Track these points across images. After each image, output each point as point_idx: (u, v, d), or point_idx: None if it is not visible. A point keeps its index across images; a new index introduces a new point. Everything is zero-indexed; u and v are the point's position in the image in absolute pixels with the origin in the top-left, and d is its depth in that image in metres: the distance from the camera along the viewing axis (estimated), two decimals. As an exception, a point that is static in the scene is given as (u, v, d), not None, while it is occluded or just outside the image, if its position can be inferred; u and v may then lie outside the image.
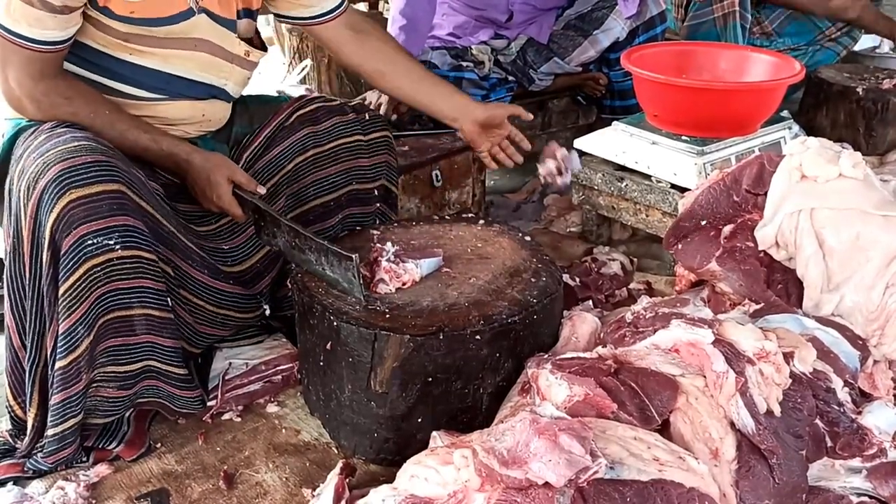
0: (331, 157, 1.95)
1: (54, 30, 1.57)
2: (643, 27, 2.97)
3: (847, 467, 1.49)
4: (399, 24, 2.74)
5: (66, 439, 1.55)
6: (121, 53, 1.69)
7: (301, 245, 1.67)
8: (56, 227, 1.45)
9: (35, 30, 1.55)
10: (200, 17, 1.72)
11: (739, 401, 1.36)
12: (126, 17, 1.63)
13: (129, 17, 1.63)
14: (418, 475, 1.28)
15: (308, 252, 1.66)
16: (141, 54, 1.70)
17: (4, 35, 1.56)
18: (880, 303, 1.68)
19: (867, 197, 1.72)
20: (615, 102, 3.08)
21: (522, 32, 3.05)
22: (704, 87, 2.34)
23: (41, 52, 1.58)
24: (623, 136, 2.43)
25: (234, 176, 1.73)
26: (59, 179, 1.45)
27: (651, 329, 1.58)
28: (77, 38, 1.64)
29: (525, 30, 3.05)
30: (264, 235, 1.75)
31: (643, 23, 2.96)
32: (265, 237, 1.75)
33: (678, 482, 1.22)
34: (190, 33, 1.72)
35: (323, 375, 1.65)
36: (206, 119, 1.87)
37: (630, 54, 2.45)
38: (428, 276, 1.70)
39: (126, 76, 1.71)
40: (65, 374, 1.49)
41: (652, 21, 2.97)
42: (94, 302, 1.50)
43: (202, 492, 1.58)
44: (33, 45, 1.57)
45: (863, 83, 3.12)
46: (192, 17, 1.71)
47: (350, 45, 1.94)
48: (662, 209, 2.31)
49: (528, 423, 1.22)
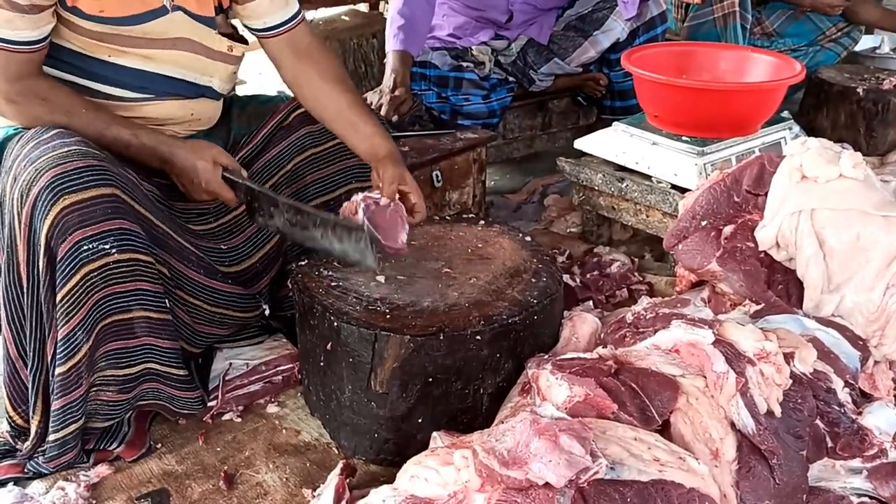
0: (330, 157, 1.95)
1: (25, 29, 1.56)
2: (644, 28, 2.97)
3: (847, 468, 1.49)
4: (398, 24, 2.74)
5: (67, 444, 1.55)
6: (100, 54, 1.68)
7: (303, 222, 1.63)
8: (51, 234, 1.45)
9: (6, 31, 1.54)
10: (176, 15, 1.71)
11: (740, 401, 1.36)
12: (96, 16, 1.62)
13: (100, 17, 1.62)
14: (418, 475, 1.28)
15: (312, 228, 1.62)
16: (121, 54, 1.69)
17: None
18: (880, 303, 1.68)
19: (867, 197, 1.72)
20: (615, 103, 3.09)
21: (523, 33, 3.05)
22: (705, 88, 2.34)
23: (16, 53, 1.57)
24: (623, 136, 2.42)
25: (220, 159, 1.71)
26: (51, 186, 1.44)
27: (651, 329, 1.59)
28: (54, 40, 1.63)
29: (525, 31, 3.05)
30: (259, 217, 1.71)
31: (644, 23, 2.96)
32: (260, 219, 1.71)
33: (678, 483, 1.22)
34: (168, 32, 1.71)
35: (323, 376, 1.65)
36: (196, 118, 1.86)
37: (630, 55, 2.45)
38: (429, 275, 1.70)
39: (108, 77, 1.70)
40: (65, 380, 1.49)
41: (652, 21, 2.97)
42: (92, 307, 1.50)
43: (202, 492, 1.58)
44: (7, 45, 1.56)
45: (863, 84, 3.12)
46: (165, 15, 1.69)
47: (286, 63, 1.92)
48: (663, 209, 2.31)
49: (529, 424, 1.22)
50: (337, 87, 1.90)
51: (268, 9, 1.85)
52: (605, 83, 3.06)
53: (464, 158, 2.59)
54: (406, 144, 2.51)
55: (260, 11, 1.85)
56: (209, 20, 1.78)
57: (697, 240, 1.88)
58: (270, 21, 1.87)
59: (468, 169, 2.61)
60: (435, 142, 2.58)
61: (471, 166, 2.61)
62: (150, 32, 1.68)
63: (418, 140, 2.58)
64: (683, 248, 1.90)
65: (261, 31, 1.89)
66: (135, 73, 1.72)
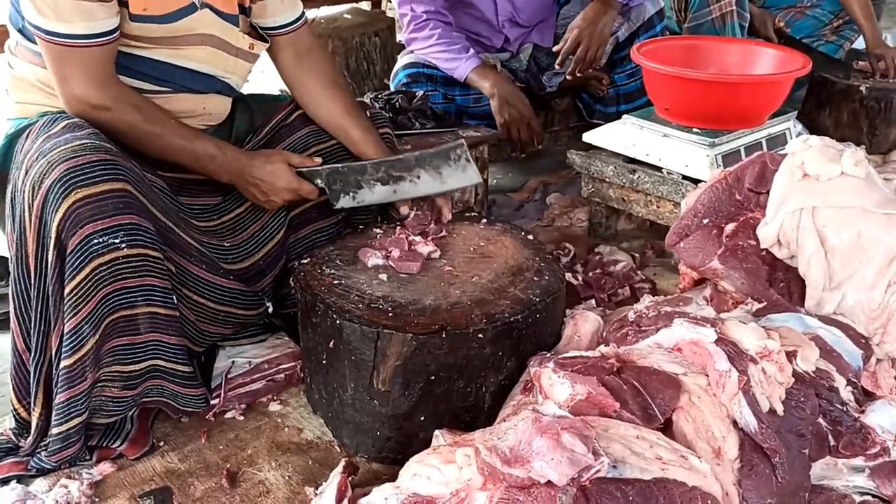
0: (333, 155, 1.95)
1: (105, 19, 1.58)
2: (644, 27, 2.97)
3: (850, 466, 1.49)
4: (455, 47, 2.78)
5: (70, 438, 1.56)
6: (127, 47, 1.69)
7: (398, 173, 1.67)
8: (62, 227, 1.45)
9: (91, 23, 1.57)
10: (204, 13, 1.73)
11: (742, 400, 1.36)
12: (139, 15, 1.64)
13: (143, 16, 1.65)
14: (421, 474, 1.28)
15: (408, 174, 1.66)
16: (147, 49, 1.71)
17: (61, 42, 1.57)
18: (882, 301, 1.68)
19: (869, 195, 1.72)
20: (621, 107, 3.03)
21: (525, 43, 3.04)
22: (718, 80, 2.36)
23: (100, 47, 1.59)
24: (633, 129, 2.44)
25: (291, 159, 1.80)
26: (63, 179, 1.45)
27: (654, 328, 1.58)
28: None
29: (526, 39, 3.04)
30: (344, 197, 1.76)
31: (643, 23, 2.96)
32: (345, 198, 1.76)
33: (681, 481, 1.22)
34: (195, 29, 1.73)
35: (325, 374, 1.66)
36: (207, 112, 1.88)
37: (640, 48, 2.47)
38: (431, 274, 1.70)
39: (130, 69, 1.71)
40: (70, 373, 1.50)
41: (651, 21, 2.98)
42: (100, 301, 1.50)
43: (205, 490, 1.58)
44: (93, 41, 1.58)
45: (866, 82, 3.11)
46: (195, 13, 1.71)
47: (286, 64, 1.98)
48: (674, 200, 2.33)
49: (531, 422, 1.22)
50: (330, 92, 1.95)
51: (279, 8, 1.90)
52: (607, 83, 3.05)
53: (466, 157, 2.58)
54: (408, 142, 2.51)
55: (272, 10, 1.89)
56: (234, 18, 1.81)
57: (699, 238, 1.88)
58: (280, 20, 1.91)
59: (470, 167, 2.61)
60: (437, 140, 2.57)
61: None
62: (179, 29, 1.71)
63: (420, 138, 2.58)
64: (685, 245, 1.90)
65: (268, 30, 1.92)
66: (158, 65, 1.74)
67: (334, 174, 1.76)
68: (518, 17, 2.95)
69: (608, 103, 3.10)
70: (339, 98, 1.95)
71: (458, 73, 2.77)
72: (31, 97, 1.73)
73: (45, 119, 1.66)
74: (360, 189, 1.72)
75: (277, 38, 1.93)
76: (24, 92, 1.74)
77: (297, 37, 1.95)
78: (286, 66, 1.97)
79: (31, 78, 1.71)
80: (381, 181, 1.68)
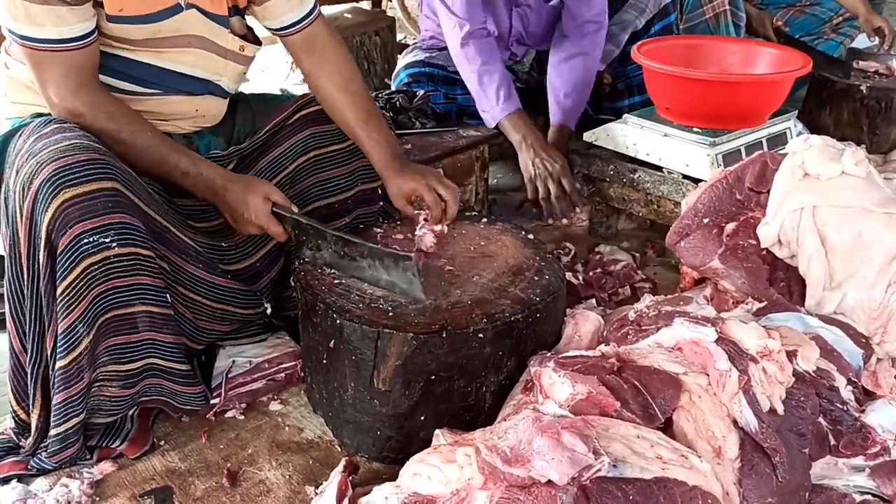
0: (333, 159, 1.95)
1: (77, 23, 1.57)
2: (659, 15, 2.96)
3: (850, 466, 1.49)
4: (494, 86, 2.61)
5: (69, 439, 1.56)
6: (111, 49, 1.68)
7: (351, 253, 1.66)
8: (52, 227, 1.45)
9: (62, 28, 1.55)
10: (191, 14, 1.71)
11: (742, 399, 1.36)
12: (115, 16, 1.62)
13: (119, 17, 1.63)
14: (421, 473, 1.28)
15: (359, 259, 1.66)
16: (132, 51, 1.69)
17: (35, 46, 1.56)
18: (882, 301, 1.69)
19: (869, 195, 1.72)
20: (634, 98, 2.98)
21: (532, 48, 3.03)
22: (720, 80, 2.36)
23: (74, 51, 1.58)
24: (634, 128, 2.44)
25: (272, 195, 1.72)
26: (53, 179, 1.44)
27: (654, 327, 1.59)
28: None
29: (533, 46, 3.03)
30: (307, 250, 1.74)
31: (658, 11, 2.95)
32: (308, 252, 1.74)
33: (681, 480, 1.22)
34: (181, 30, 1.71)
35: (326, 373, 1.66)
36: (200, 114, 1.87)
37: (640, 48, 2.47)
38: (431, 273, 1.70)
39: (117, 70, 1.70)
40: (66, 374, 1.50)
41: (666, 9, 2.97)
42: (92, 300, 1.50)
43: (205, 489, 1.58)
44: (66, 45, 1.57)
45: (866, 81, 3.11)
46: (180, 13, 1.69)
47: (301, 62, 1.95)
48: (675, 199, 2.34)
49: (531, 422, 1.22)
50: (343, 93, 1.91)
51: (284, 8, 1.86)
52: (608, 81, 3.05)
53: (466, 156, 2.59)
54: (409, 142, 2.51)
55: (276, 11, 1.86)
56: (223, 19, 1.78)
57: (699, 237, 1.88)
58: (288, 20, 1.88)
59: (471, 166, 2.61)
60: (438, 139, 2.58)
61: (473, 164, 2.61)
62: (164, 30, 1.69)
63: (421, 138, 2.58)
64: (685, 245, 1.90)
65: (277, 31, 1.90)
66: (145, 68, 1.72)
67: (299, 227, 1.72)
68: (527, 40, 2.93)
69: (618, 97, 3.05)
70: (351, 100, 1.90)
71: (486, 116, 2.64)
72: (25, 97, 1.73)
73: (39, 120, 1.65)
74: (319, 251, 1.71)
75: (288, 37, 1.91)
76: (19, 92, 1.74)
77: (309, 34, 1.91)
78: (301, 64, 1.95)
79: (24, 79, 1.70)
80: (337, 252, 1.68)
